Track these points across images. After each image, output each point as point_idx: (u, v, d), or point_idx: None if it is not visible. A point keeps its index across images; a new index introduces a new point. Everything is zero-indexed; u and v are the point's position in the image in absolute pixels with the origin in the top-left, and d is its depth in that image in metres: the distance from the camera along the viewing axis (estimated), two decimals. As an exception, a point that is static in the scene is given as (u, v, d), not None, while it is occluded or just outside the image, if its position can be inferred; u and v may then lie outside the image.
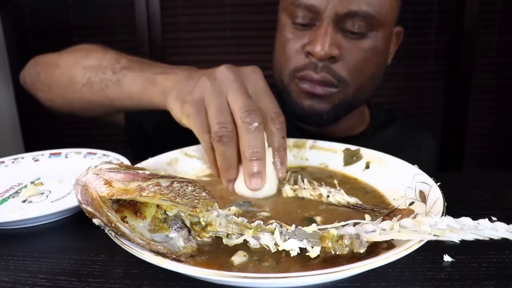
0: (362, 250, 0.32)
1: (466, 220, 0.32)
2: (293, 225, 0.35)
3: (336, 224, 0.35)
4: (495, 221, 0.32)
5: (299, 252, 0.34)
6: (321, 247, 0.34)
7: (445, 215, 0.35)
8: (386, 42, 0.77)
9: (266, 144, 0.49)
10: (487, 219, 0.32)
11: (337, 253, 0.33)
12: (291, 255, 0.34)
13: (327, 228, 0.35)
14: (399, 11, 0.80)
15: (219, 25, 1.97)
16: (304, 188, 0.48)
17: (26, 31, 2.02)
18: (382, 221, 0.34)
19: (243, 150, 0.47)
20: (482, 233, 0.31)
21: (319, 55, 0.70)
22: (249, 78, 0.51)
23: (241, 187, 0.49)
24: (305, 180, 0.50)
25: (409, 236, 0.32)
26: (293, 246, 0.34)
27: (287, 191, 0.49)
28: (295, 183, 0.50)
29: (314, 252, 0.33)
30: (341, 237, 0.33)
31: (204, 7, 1.97)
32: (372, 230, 0.33)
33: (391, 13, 0.75)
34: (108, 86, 0.68)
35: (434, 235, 0.31)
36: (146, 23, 1.98)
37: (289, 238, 0.34)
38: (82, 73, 0.71)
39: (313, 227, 0.34)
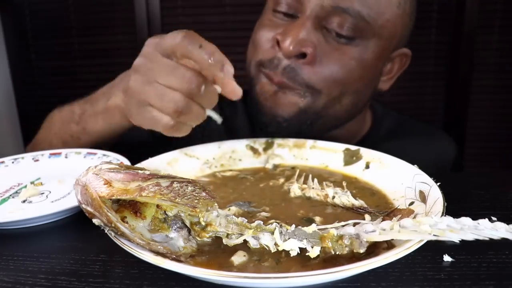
0: (362, 250, 0.32)
1: (466, 220, 0.32)
2: (293, 225, 0.35)
3: (336, 224, 0.35)
4: (495, 221, 0.32)
5: (299, 252, 0.34)
6: (321, 247, 0.34)
7: (445, 215, 0.35)
8: (378, 57, 0.66)
9: None
10: (487, 219, 0.32)
11: (337, 253, 0.33)
12: (291, 255, 0.34)
13: (327, 228, 0.35)
14: (408, 31, 0.70)
15: (219, 25, 1.97)
16: (313, 188, 0.48)
17: (26, 31, 2.02)
18: (382, 221, 0.34)
19: (209, 101, 0.49)
20: (482, 233, 0.31)
21: (286, 49, 0.61)
22: (161, 47, 0.50)
23: None
24: (315, 180, 0.50)
25: (409, 236, 0.32)
26: (293, 246, 0.34)
27: (295, 190, 0.49)
28: (305, 182, 0.50)
29: (314, 252, 0.33)
30: (341, 237, 0.33)
31: (204, 7, 1.97)
32: (372, 230, 0.33)
33: (391, 26, 0.65)
34: (80, 137, 0.70)
35: (434, 235, 0.31)
36: (146, 23, 1.98)
37: (289, 238, 0.34)
38: (56, 140, 0.73)
39: (313, 227, 0.34)
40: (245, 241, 0.35)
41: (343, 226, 0.35)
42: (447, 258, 0.37)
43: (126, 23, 1.99)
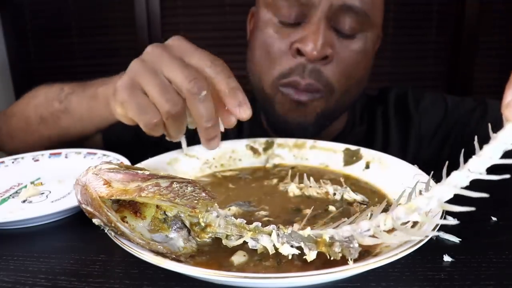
0: (354, 257, 0.32)
1: (454, 177, 0.32)
2: (290, 228, 0.34)
3: (330, 226, 0.35)
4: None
5: (299, 253, 0.34)
6: (318, 251, 0.33)
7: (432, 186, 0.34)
8: (374, 44, 0.72)
9: None
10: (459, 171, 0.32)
11: (331, 258, 0.33)
12: (289, 258, 0.34)
13: (322, 229, 0.34)
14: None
15: (219, 25, 1.97)
16: (310, 186, 0.48)
17: (26, 31, 2.02)
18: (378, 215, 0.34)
19: (198, 120, 0.47)
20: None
21: (311, 55, 0.63)
22: (174, 46, 0.49)
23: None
24: (311, 178, 0.50)
25: (402, 238, 0.32)
26: (290, 251, 0.33)
27: (294, 190, 0.49)
28: (300, 181, 0.50)
29: (311, 256, 0.33)
30: (332, 244, 0.32)
31: (204, 7, 1.97)
32: (367, 229, 0.32)
33: (379, 14, 0.71)
34: (59, 117, 0.69)
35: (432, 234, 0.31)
36: (146, 23, 1.98)
37: (286, 241, 0.33)
38: (34, 113, 0.72)
39: (307, 231, 0.34)
40: (244, 242, 0.35)
41: (338, 226, 0.35)
42: (447, 258, 0.37)
43: (126, 23, 2.00)
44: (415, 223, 0.38)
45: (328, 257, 0.33)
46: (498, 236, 0.42)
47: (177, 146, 0.56)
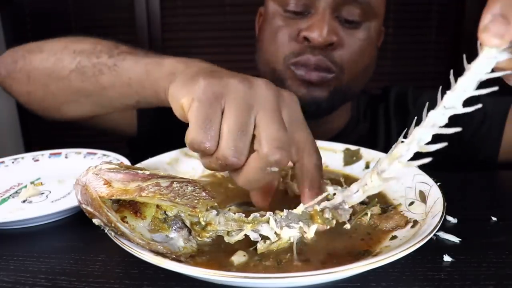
0: (346, 218, 0.32)
1: (430, 118, 0.32)
2: (285, 210, 0.35)
3: (320, 198, 0.35)
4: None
5: (300, 235, 0.34)
6: (315, 225, 0.34)
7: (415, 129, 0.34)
8: (377, 34, 0.76)
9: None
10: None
11: (328, 227, 0.33)
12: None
13: (313, 203, 0.35)
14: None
15: (219, 25, 1.97)
16: None
17: (26, 31, 2.02)
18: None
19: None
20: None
21: (317, 41, 0.66)
22: (285, 103, 0.41)
23: None
24: None
25: (386, 181, 0.31)
26: (291, 233, 0.34)
27: (294, 189, 0.49)
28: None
29: (311, 232, 0.33)
30: (323, 211, 0.33)
31: (204, 7, 1.97)
32: (356, 190, 0.32)
33: (382, 5, 0.74)
34: (102, 71, 0.59)
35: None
36: (146, 23, 1.98)
37: (285, 224, 0.34)
38: (71, 57, 0.62)
39: (301, 208, 0.34)
40: (246, 238, 0.36)
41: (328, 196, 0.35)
42: (447, 258, 0.37)
43: (126, 23, 1.99)
44: (415, 223, 0.39)
45: (327, 227, 0.33)
46: (498, 236, 0.42)
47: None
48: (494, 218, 0.45)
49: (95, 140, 1.10)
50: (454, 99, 0.30)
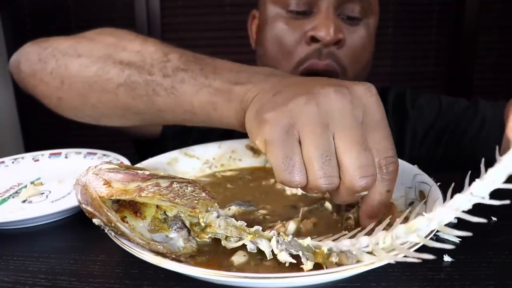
0: (352, 263, 0.31)
1: (457, 200, 0.32)
2: (290, 236, 0.34)
3: (329, 238, 0.34)
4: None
5: (295, 262, 0.33)
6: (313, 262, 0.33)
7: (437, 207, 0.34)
8: (375, 30, 0.77)
9: None
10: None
11: (326, 267, 0.32)
12: (286, 265, 0.34)
13: (321, 240, 0.34)
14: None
15: (219, 25, 1.97)
16: None
17: (26, 31, 2.02)
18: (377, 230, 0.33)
19: (344, 201, 0.37)
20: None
21: (325, 39, 0.67)
22: (361, 103, 0.36)
23: None
24: None
25: (399, 258, 0.31)
26: (287, 258, 0.33)
27: (293, 188, 0.49)
28: None
29: (308, 265, 0.32)
30: (329, 255, 0.32)
31: (204, 7, 1.97)
32: (366, 245, 0.32)
33: (377, 2, 0.75)
34: (157, 92, 0.50)
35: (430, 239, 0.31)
36: (146, 23, 1.98)
37: (285, 248, 0.33)
38: (118, 69, 0.53)
39: (307, 241, 0.33)
40: (243, 244, 0.35)
41: (337, 239, 0.34)
42: (447, 258, 0.37)
43: (126, 23, 2.00)
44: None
45: (324, 268, 0.32)
46: (498, 236, 0.42)
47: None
48: (494, 218, 0.45)
49: (95, 140, 1.11)
50: (482, 188, 0.31)
